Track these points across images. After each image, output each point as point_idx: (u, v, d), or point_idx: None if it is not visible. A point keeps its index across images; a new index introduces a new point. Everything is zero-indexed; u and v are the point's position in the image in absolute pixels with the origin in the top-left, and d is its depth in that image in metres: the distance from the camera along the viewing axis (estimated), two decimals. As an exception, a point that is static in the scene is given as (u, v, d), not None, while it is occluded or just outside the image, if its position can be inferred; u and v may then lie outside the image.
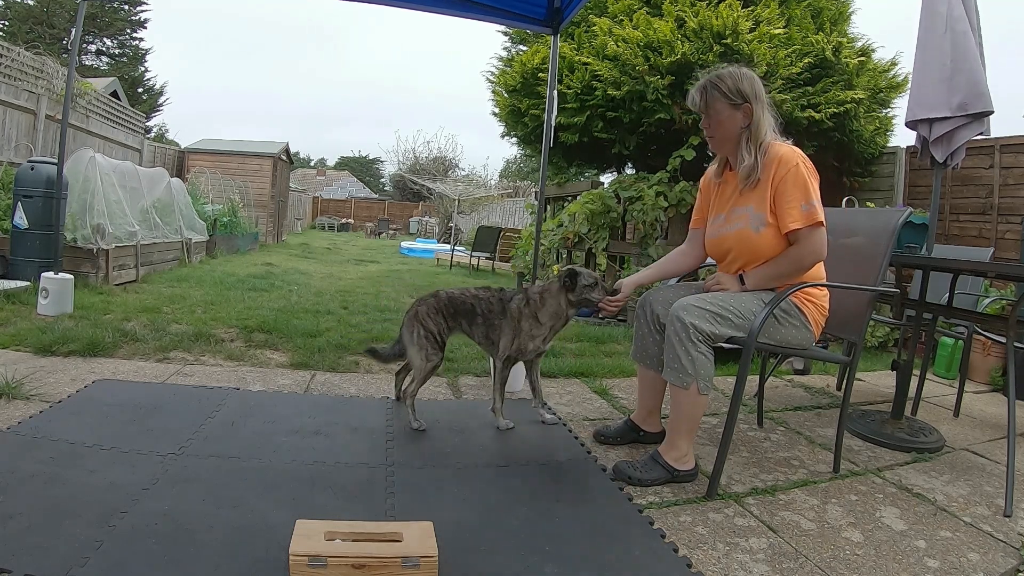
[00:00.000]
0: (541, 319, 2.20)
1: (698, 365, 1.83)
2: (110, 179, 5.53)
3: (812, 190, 1.89)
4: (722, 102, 1.97)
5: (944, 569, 1.53)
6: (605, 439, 2.27)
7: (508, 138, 6.89)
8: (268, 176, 12.67)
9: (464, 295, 2.29)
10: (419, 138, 40.54)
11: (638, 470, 1.93)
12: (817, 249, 1.91)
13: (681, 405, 1.90)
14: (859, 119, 5.22)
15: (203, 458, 1.85)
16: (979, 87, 2.94)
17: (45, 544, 1.33)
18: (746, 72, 2.01)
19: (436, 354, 2.22)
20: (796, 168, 1.89)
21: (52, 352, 2.85)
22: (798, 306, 1.97)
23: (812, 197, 1.88)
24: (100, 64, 21.79)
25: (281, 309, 4.37)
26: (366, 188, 41.42)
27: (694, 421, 1.93)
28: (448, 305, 2.27)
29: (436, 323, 2.23)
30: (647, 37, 4.79)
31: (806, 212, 1.87)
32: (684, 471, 1.93)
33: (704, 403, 1.89)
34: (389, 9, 3.87)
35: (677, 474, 1.93)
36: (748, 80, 1.99)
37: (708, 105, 2.01)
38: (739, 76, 1.99)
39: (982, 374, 3.82)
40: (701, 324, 1.83)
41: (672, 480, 1.93)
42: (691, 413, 1.90)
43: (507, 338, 2.22)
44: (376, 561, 1.24)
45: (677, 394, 1.89)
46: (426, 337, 2.21)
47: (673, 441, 1.95)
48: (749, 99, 1.96)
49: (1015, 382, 2.05)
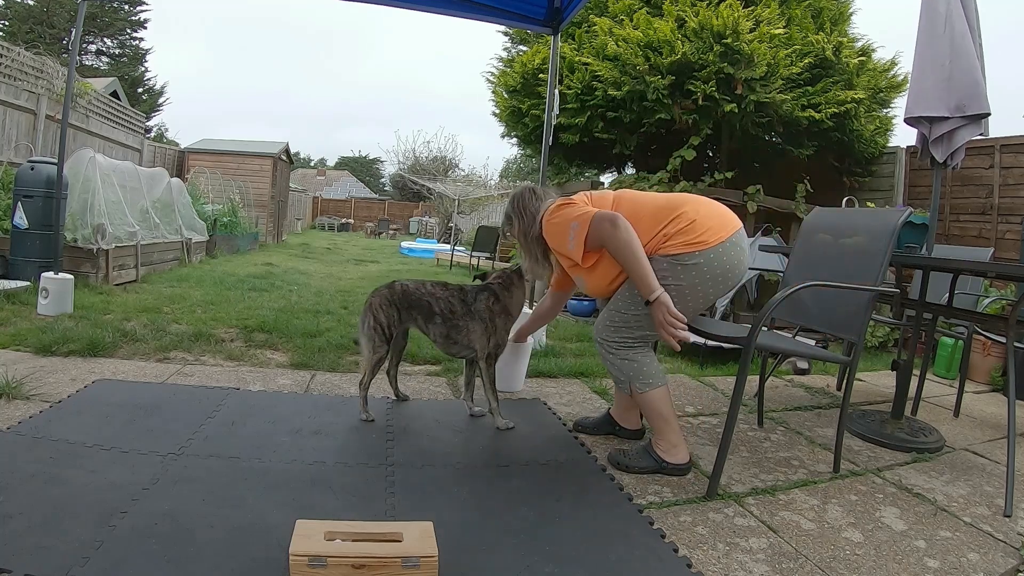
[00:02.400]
0: (512, 311, 2.31)
1: (625, 369, 2.00)
2: (110, 179, 5.53)
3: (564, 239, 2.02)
4: (516, 227, 2.19)
5: (944, 569, 1.53)
6: (583, 429, 2.36)
7: (508, 138, 6.89)
8: (268, 176, 12.67)
9: (420, 290, 2.28)
10: (419, 138, 40.50)
11: (629, 457, 2.03)
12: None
13: (641, 406, 2.08)
14: (859, 119, 5.22)
15: (203, 458, 1.85)
16: (977, 88, 2.94)
17: (45, 544, 1.33)
18: (514, 194, 2.25)
19: (382, 346, 2.25)
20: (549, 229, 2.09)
21: (52, 352, 2.85)
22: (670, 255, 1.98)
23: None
24: (100, 64, 21.79)
25: (281, 309, 4.37)
26: (366, 188, 41.40)
27: (661, 415, 2.00)
28: (402, 298, 2.27)
29: (387, 315, 2.25)
30: (647, 37, 4.79)
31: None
32: (673, 463, 1.99)
33: (656, 397, 1.99)
34: (396, 11, 3.86)
35: (665, 465, 1.99)
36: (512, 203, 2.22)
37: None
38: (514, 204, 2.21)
39: (982, 374, 3.82)
40: (605, 335, 2.04)
41: (660, 470, 1.99)
42: (653, 409, 2.00)
43: (483, 338, 2.26)
44: (376, 561, 1.24)
45: (635, 398, 2.04)
46: (374, 328, 2.23)
47: (658, 435, 2.03)
48: (514, 218, 2.20)
49: (1015, 382, 2.05)
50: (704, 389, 3.17)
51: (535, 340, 3.48)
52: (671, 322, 1.81)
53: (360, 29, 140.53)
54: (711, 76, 4.68)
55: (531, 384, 3.01)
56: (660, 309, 1.82)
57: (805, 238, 2.53)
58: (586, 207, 2.02)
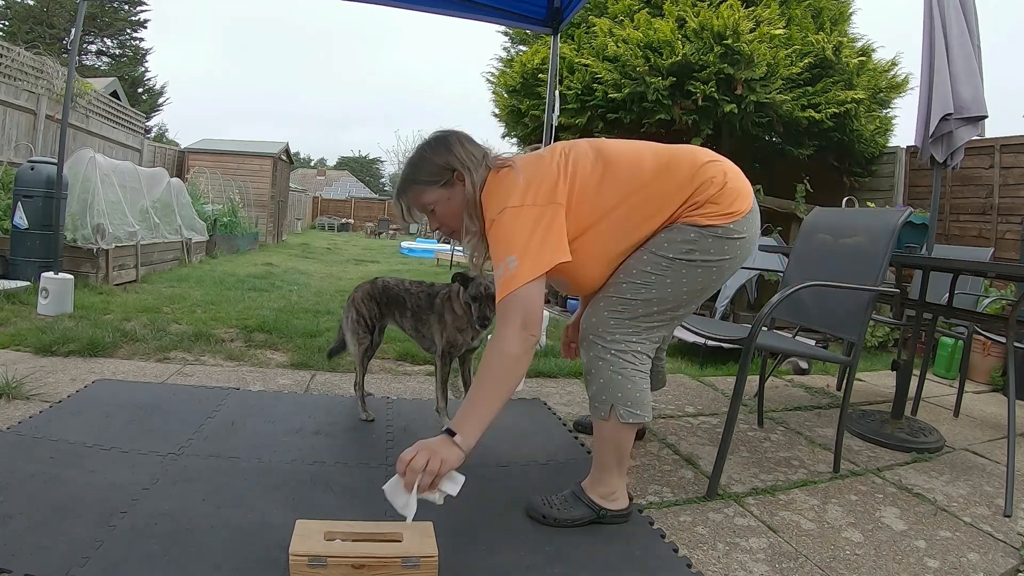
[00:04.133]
0: (457, 309, 2.15)
1: (616, 386, 1.56)
2: (110, 179, 5.53)
3: (517, 239, 1.43)
4: (430, 191, 1.61)
5: (944, 569, 1.53)
6: (584, 429, 2.33)
7: (508, 138, 6.90)
8: (268, 176, 12.67)
9: (399, 286, 2.34)
10: (419, 138, 40.49)
11: (555, 508, 1.62)
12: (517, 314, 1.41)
13: (604, 436, 1.58)
14: (859, 119, 5.23)
15: (203, 458, 1.84)
16: (975, 91, 2.95)
17: (45, 544, 1.32)
18: (436, 138, 1.65)
19: (366, 337, 2.30)
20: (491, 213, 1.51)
21: (52, 352, 2.85)
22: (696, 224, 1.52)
23: (515, 251, 1.42)
24: (100, 64, 21.79)
25: (281, 309, 4.37)
26: (366, 188, 41.42)
27: (622, 455, 1.59)
28: (383, 293, 2.33)
29: (368, 308, 2.31)
30: (647, 37, 4.80)
31: (505, 273, 1.43)
32: (615, 511, 1.60)
33: (631, 433, 1.60)
34: (397, 11, 3.85)
35: (603, 513, 1.60)
36: (443, 147, 1.61)
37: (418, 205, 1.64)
38: (432, 152, 1.62)
39: (982, 374, 3.82)
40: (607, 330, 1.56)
41: (598, 520, 1.60)
42: (619, 445, 1.57)
43: (438, 333, 2.24)
44: (376, 561, 1.24)
45: (600, 426, 1.59)
46: (357, 321, 2.29)
47: (601, 475, 1.61)
48: (455, 166, 1.57)
49: (1015, 382, 2.05)
50: (704, 389, 3.17)
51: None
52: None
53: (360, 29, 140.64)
54: (711, 76, 4.69)
55: (531, 384, 3.01)
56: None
57: (805, 238, 2.53)
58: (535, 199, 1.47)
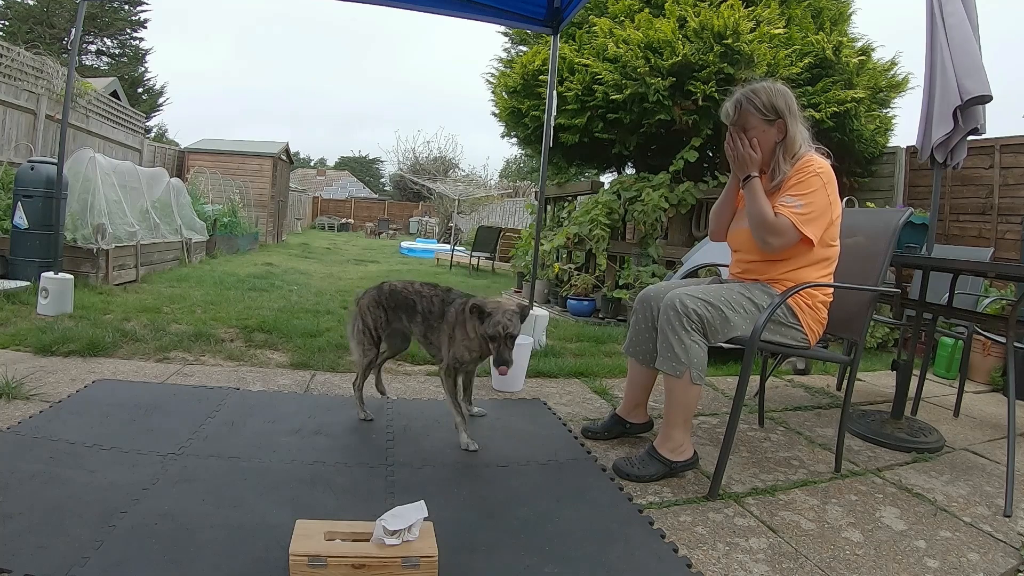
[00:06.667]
0: (470, 332, 2.07)
1: (691, 354, 1.87)
2: (110, 179, 5.53)
3: (814, 197, 1.90)
4: (756, 117, 1.99)
5: (944, 569, 1.53)
6: (592, 434, 2.31)
7: (508, 139, 6.90)
8: (268, 176, 12.66)
9: (407, 289, 2.28)
10: (419, 138, 40.60)
11: (636, 466, 1.95)
12: (784, 243, 1.92)
13: (674, 394, 1.91)
14: (859, 119, 5.22)
15: (203, 458, 1.85)
16: (979, 83, 2.95)
17: (45, 544, 1.33)
18: (779, 87, 2.02)
19: (372, 349, 2.28)
20: (807, 172, 1.93)
21: (52, 352, 2.85)
22: (792, 308, 1.99)
23: (807, 201, 1.89)
24: (100, 64, 21.78)
25: (281, 309, 4.37)
26: (366, 188, 41.40)
27: (688, 411, 1.94)
28: (389, 298, 2.28)
29: (375, 316, 2.26)
30: (648, 37, 4.79)
31: (797, 210, 1.89)
32: (681, 461, 1.96)
33: (697, 393, 1.91)
34: (395, 11, 3.85)
35: (674, 465, 1.95)
36: (782, 95, 2.00)
37: (742, 118, 2.01)
38: (773, 91, 1.99)
39: (982, 374, 3.82)
40: (693, 307, 1.86)
41: (670, 473, 1.95)
42: (684, 402, 1.91)
43: (446, 346, 2.15)
44: (376, 561, 1.24)
45: (671, 383, 1.91)
46: (363, 332, 2.27)
47: (668, 433, 1.96)
48: (783, 114, 1.97)
49: (1015, 382, 2.05)
50: (704, 389, 3.17)
51: (535, 340, 3.48)
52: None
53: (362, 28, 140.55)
54: (711, 76, 4.69)
55: (531, 384, 3.01)
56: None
57: (805, 238, 2.53)
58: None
